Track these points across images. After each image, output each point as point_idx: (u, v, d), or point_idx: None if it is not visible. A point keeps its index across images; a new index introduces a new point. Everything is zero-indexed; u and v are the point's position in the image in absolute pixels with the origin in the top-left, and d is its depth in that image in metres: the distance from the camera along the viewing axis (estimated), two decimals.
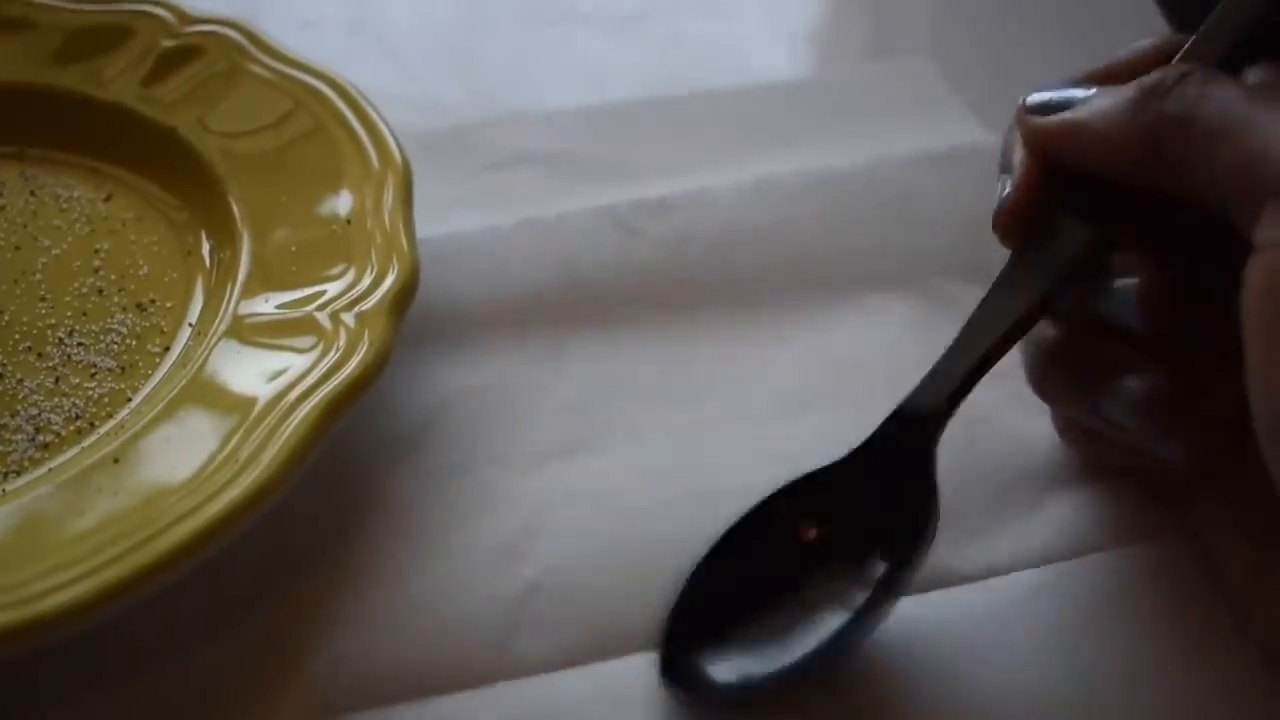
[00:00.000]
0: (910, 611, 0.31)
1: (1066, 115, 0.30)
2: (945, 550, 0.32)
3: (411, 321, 0.36)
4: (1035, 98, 0.31)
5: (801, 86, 0.52)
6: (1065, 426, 0.35)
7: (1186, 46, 0.30)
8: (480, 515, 0.34)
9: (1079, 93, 0.30)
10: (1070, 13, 0.55)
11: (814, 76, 0.54)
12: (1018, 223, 0.31)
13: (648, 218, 0.43)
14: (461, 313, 0.40)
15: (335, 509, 0.35)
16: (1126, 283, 0.32)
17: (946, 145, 0.45)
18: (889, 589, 0.30)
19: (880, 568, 0.30)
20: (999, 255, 0.32)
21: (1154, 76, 0.28)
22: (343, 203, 0.39)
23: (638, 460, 0.36)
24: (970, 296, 0.31)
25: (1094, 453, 0.35)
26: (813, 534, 0.31)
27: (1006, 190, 0.31)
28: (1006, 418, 0.36)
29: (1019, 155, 0.32)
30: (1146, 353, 0.31)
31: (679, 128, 0.48)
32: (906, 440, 0.31)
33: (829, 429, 0.32)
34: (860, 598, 0.30)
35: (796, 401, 0.37)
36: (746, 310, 0.40)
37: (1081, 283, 0.32)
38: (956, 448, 0.32)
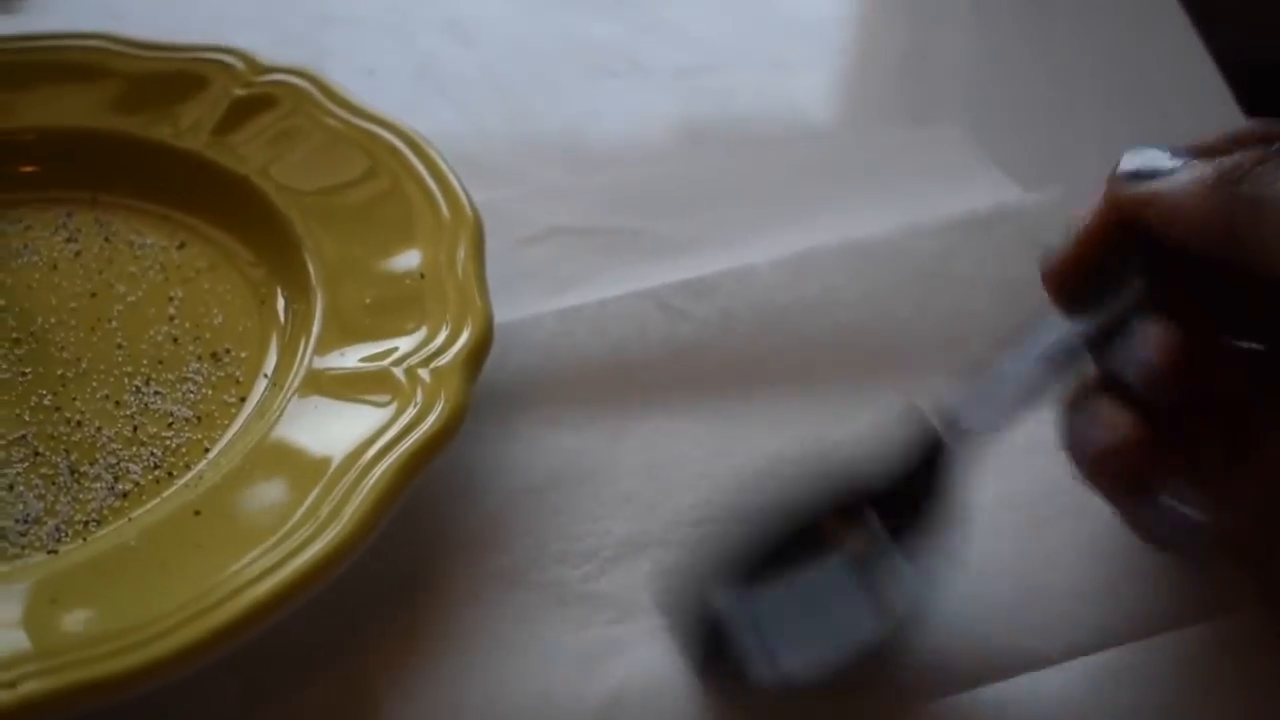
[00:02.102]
0: (997, 696, 0.32)
1: (1150, 185, 0.31)
2: (1029, 634, 0.33)
3: (467, 417, 0.35)
4: (1127, 165, 0.32)
5: (833, 153, 0.51)
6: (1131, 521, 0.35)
7: None
8: (556, 621, 0.34)
9: (1166, 163, 0.31)
10: (1103, 75, 0.55)
11: (847, 141, 0.53)
12: (1069, 275, 0.32)
13: (691, 299, 0.42)
14: (513, 405, 0.39)
15: (404, 615, 0.34)
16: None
17: (981, 207, 0.45)
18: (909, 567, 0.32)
19: (898, 555, 0.32)
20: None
21: (1233, 159, 0.29)
22: (416, 257, 0.39)
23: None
24: None
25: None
26: (839, 527, 0.33)
27: (1063, 243, 0.32)
28: (1079, 497, 0.36)
29: (1087, 214, 0.32)
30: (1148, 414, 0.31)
31: (709, 198, 0.48)
32: (936, 458, 0.32)
33: None
34: (884, 581, 0.32)
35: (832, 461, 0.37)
36: (797, 388, 0.40)
37: (1114, 338, 0.32)
38: (1033, 530, 0.34)
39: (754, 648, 0.32)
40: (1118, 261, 0.32)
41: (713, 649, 0.32)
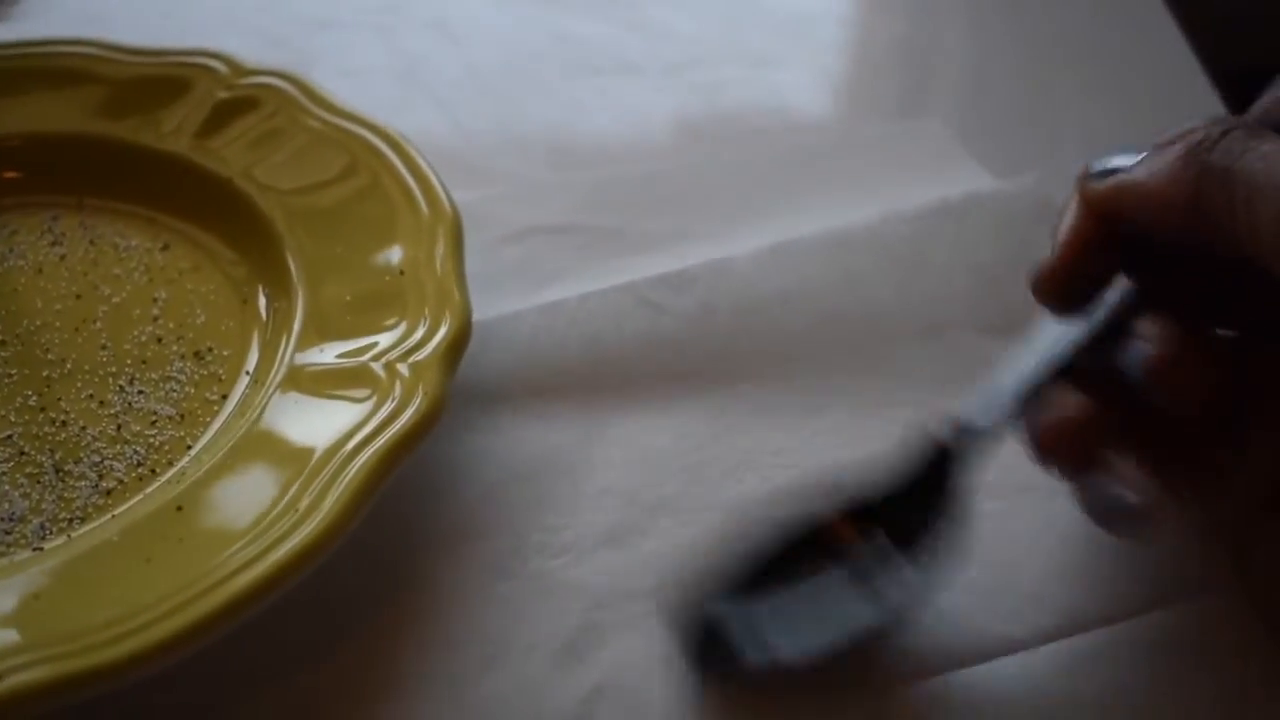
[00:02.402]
0: (972, 680, 0.32)
1: (1119, 176, 0.31)
2: (1002, 618, 0.33)
3: (449, 410, 0.36)
4: (1096, 164, 0.32)
5: (815, 147, 0.51)
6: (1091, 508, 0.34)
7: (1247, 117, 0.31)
8: (537, 611, 0.34)
9: (1132, 159, 0.31)
10: (1087, 72, 0.56)
11: (830, 135, 0.53)
12: (1057, 282, 0.32)
13: (670, 293, 0.42)
14: (495, 400, 0.40)
15: (386, 606, 0.34)
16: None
17: (956, 196, 0.45)
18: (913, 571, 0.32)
19: (902, 561, 0.33)
20: (1013, 304, 0.33)
21: (1199, 132, 0.29)
22: (396, 254, 0.40)
23: (688, 544, 0.36)
24: (988, 348, 0.32)
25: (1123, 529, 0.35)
26: (843, 536, 0.33)
27: (1049, 253, 0.32)
28: (1051, 485, 0.36)
29: (1065, 220, 0.32)
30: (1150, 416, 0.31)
31: (691, 194, 0.49)
32: (942, 465, 0.33)
33: None
34: (885, 586, 0.32)
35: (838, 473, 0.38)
36: (776, 379, 0.40)
37: (1112, 339, 0.32)
38: (1005, 517, 0.34)
39: (748, 637, 0.32)
40: (1103, 263, 0.32)
41: (709, 642, 0.32)
